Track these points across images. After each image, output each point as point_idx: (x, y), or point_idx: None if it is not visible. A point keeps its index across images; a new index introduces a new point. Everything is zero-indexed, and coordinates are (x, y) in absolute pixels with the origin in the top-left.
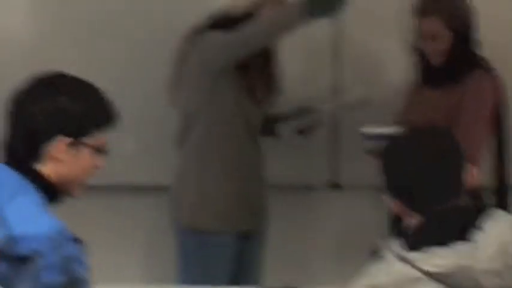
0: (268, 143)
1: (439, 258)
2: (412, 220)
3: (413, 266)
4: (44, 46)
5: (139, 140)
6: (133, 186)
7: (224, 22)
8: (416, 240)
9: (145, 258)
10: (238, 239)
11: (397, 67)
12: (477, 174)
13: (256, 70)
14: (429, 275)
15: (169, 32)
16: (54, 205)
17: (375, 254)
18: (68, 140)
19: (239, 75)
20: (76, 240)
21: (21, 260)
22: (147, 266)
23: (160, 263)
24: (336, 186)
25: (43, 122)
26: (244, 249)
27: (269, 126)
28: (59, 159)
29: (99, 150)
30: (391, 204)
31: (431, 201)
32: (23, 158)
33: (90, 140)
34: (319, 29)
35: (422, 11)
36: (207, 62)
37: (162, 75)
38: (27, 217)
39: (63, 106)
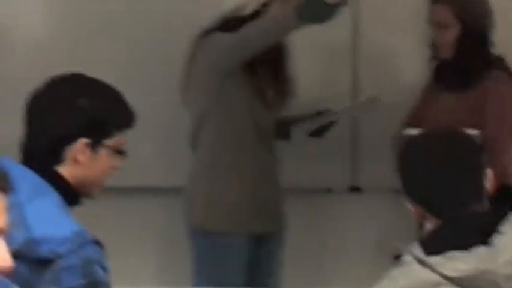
0: (287, 146)
1: (459, 263)
2: (430, 224)
3: (433, 270)
4: (58, 46)
5: (154, 142)
6: (148, 188)
7: (233, 23)
8: (434, 244)
9: (160, 260)
10: (251, 241)
11: (414, 68)
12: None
13: (266, 73)
14: (449, 279)
15: (186, 33)
16: (72, 207)
17: (396, 258)
18: (89, 141)
19: (248, 78)
20: (96, 243)
21: (41, 262)
22: (162, 268)
23: (175, 265)
24: (355, 189)
25: (64, 125)
26: (258, 252)
27: (283, 129)
28: (79, 161)
29: (119, 151)
30: (409, 207)
31: (449, 206)
32: (43, 160)
33: (110, 141)
34: (336, 30)
35: None
36: (212, 63)
37: (176, 76)
38: (47, 219)
39: (83, 108)
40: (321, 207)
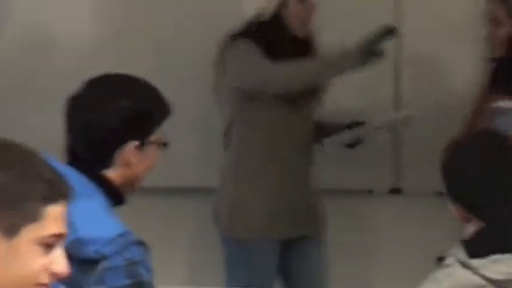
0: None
1: (502, 265)
2: (473, 226)
3: (476, 272)
4: (105, 53)
5: (189, 141)
6: (182, 188)
7: (256, 28)
8: (477, 247)
9: (193, 261)
10: (280, 245)
11: (456, 72)
12: None
13: None
14: (492, 281)
15: (213, 35)
16: (117, 207)
17: (439, 260)
18: (137, 142)
19: None
20: (140, 244)
21: (87, 263)
22: (195, 269)
23: (208, 266)
24: (396, 191)
25: (110, 130)
26: (289, 255)
27: (318, 136)
28: (129, 163)
29: (164, 144)
30: (452, 209)
31: (493, 208)
32: (92, 164)
33: (153, 136)
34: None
35: None
36: (240, 80)
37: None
38: (93, 220)
39: (126, 110)
40: (362, 209)
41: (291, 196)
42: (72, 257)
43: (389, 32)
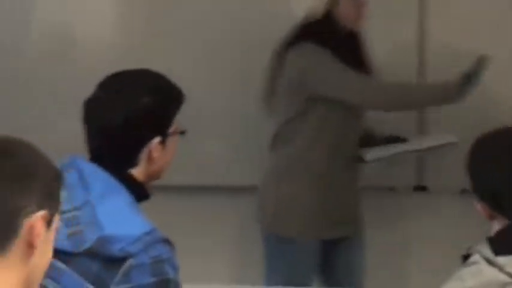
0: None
1: None
2: (499, 223)
3: (502, 270)
4: (134, 56)
5: (231, 141)
6: (224, 186)
7: (312, 30)
8: (502, 244)
9: (236, 259)
10: (322, 245)
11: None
12: None
13: None
14: None
15: (262, 35)
16: (142, 203)
17: (464, 258)
18: (160, 138)
19: None
20: (166, 242)
21: (113, 261)
22: (236, 267)
23: (249, 264)
24: (421, 188)
25: (134, 130)
26: (331, 255)
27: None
28: (153, 159)
29: (182, 133)
30: (478, 206)
31: None
32: (116, 163)
33: (173, 128)
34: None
35: None
36: (316, 88)
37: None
38: (119, 218)
39: (146, 107)
40: (386, 206)
41: (339, 197)
42: (98, 255)
43: (485, 62)
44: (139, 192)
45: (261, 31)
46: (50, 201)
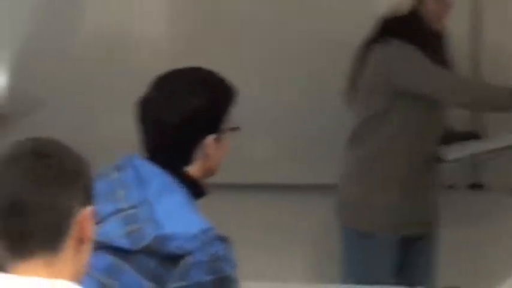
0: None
1: None
2: None
3: None
4: (185, 53)
5: (311, 138)
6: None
7: (397, 26)
8: None
9: (312, 257)
10: (401, 242)
11: None
12: None
13: None
14: None
15: (341, 32)
16: (199, 200)
17: None
18: (215, 135)
19: None
20: (223, 239)
21: (171, 258)
22: (311, 265)
23: (327, 262)
24: (477, 186)
25: (189, 128)
26: (408, 253)
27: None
28: (208, 156)
29: (235, 129)
30: None
31: None
32: (172, 161)
33: (227, 124)
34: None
35: None
36: (403, 84)
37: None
38: (176, 215)
39: (201, 105)
40: (442, 204)
41: (419, 196)
42: (156, 253)
43: None
44: (195, 189)
45: (340, 28)
46: (91, 197)
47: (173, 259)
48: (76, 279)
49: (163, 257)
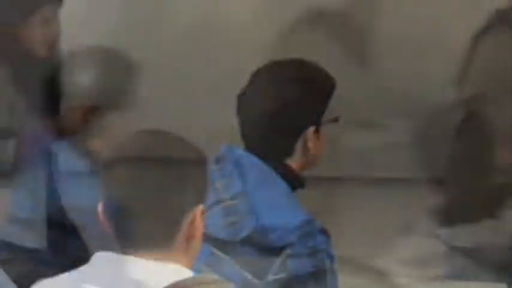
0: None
1: None
2: None
3: None
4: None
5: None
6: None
7: None
8: None
9: None
10: None
11: None
12: None
13: None
14: None
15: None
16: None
17: None
18: (315, 127)
19: None
20: (323, 231)
21: (270, 250)
22: None
23: None
24: None
25: (288, 120)
26: None
27: None
28: (308, 148)
29: (335, 120)
30: None
31: None
32: (274, 153)
33: (326, 116)
34: None
35: None
36: None
37: None
38: (276, 207)
39: (300, 97)
40: None
41: None
42: (255, 244)
43: None
44: (295, 181)
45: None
46: (204, 193)
47: (273, 251)
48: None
49: (263, 249)
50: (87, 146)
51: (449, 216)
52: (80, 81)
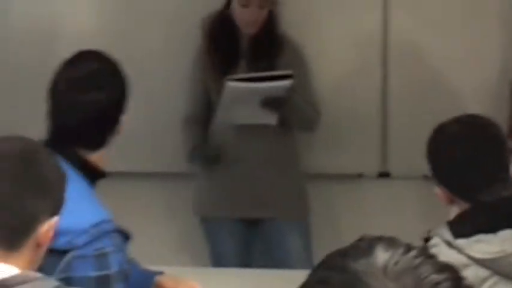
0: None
1: (486, 245)
2: (458, 207)
3: (461, 252)
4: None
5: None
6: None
7: None
8: (461, 227)
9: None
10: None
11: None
12: None
13: None
14: (476, 261)
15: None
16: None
17: (425, 241)
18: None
19: None
20: (118, 232)
21: (59, 252)
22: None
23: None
24: (385, 175)
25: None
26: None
27: None
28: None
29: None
30: (437, 191)
31: (476, 189)
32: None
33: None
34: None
35: None
36: None
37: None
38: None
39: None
40: (352, 192)
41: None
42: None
43: None
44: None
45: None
46: (60, 207)
47: (60, 253)
48: None
49: (51, 250)
50: None
51: None
52: None
